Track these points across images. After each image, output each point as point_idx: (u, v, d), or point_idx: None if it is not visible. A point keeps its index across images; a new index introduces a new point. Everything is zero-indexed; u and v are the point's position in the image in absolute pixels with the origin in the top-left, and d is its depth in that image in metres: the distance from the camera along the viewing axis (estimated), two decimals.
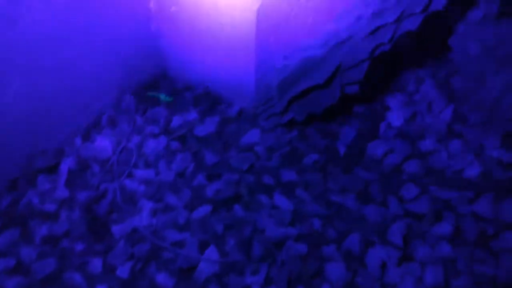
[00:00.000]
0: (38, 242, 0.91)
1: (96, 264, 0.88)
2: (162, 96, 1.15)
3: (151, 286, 0.86)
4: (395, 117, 1.13)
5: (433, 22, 0.96)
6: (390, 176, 1.03)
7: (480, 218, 0.96)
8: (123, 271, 0.87)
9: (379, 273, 0.87)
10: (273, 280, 0.86)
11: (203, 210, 0.95)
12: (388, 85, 1.20)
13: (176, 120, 1.11)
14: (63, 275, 0.87)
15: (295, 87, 1.02)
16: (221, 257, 0.88)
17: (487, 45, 1.07)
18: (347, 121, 1.14)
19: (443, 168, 1.04)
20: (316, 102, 1.03)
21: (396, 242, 0.90)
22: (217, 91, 1.15)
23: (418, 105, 1.16)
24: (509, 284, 0.85)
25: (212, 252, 0.88)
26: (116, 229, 0.92)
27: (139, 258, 0.89)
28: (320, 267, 0.88)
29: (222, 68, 1.10)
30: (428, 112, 1.14)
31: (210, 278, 0.86)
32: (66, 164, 1.00)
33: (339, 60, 0.95)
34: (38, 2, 0.86)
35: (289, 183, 1.01)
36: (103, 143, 1.04)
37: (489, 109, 1.11)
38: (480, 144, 1.08)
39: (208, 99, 1.16)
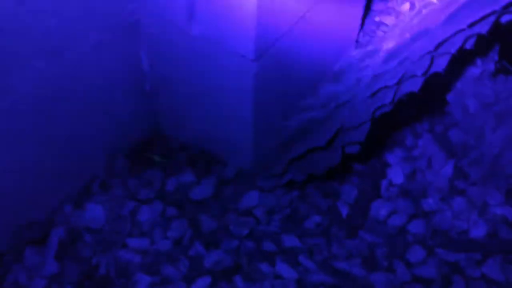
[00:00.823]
0: None
1: None
2: (156, 157, 1.12)
3: None
4: (396, 174, 1.11)
5: (432, 82, 0.95)
6: (396, 238, 1.00)
7: (492, 281, 0.93)
8: None
9: None
10: None
11: (202, 282, 0.90)
12: (386, 140, 1.19)
13: (171, 183, 1.07)
14: None
15: (295, 148, 0.99)
16: None
17: (485, 101, 1.07)
18: (348, 179, 1.11)
19: (448, 229, 1.02)
20: (316, 163, 1.01)
21: None
22: (214, 151, 1.12)
23: (418, 161, 1.14)
24: None
25: None
26: None
27: None
28: None
29: (219, 128, 1.07)
30: (428, 168, 1.12)
31: None
32: (56, 235, 0.95)
33: (340, 122, 0.93)
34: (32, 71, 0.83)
35: (292, 249, 0.97)
36: (95, 211, 0.99)
37: (490, 165, 1.09)
38: (484, 201, 1.06)
39: (204, 159, 1.12)
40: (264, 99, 0.97)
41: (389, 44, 0.88)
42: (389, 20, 1.55)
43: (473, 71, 1.05)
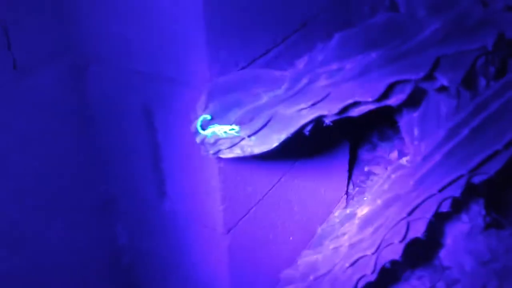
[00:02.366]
0: None
1: None
2: None
3: None
4: None
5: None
6: None
7: None
8: None
9: None
10: None
11: None
12: None
13: None
14: None
15: None
16: None
17: (481, 259, 1.01)
18: None
19: None
20: None
21: None
22: None
23: None
24: None
25: None
26: None
27: None
28: None
29: None
30: None
31: None
32: None
33: None
34: None
35: None
36: None
37: None
38: None
39: None
40: (240, 272, 0.93)
41: (363, 210, 0.86)
42: (378, 169, 1.56)
43: (462, 227, 1.01)
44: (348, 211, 0.90)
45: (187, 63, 0.70)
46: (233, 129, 0.62)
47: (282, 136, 0.64)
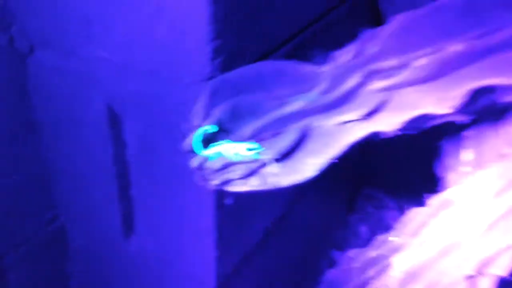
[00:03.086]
0: None
1: None
2: None
3: None
4: None
5: None
6: None
7: None
8: None
9: None
10: None
11: None
12: None
13: None
14: None
15: None
16: None
17: None
18: None
19: None
20: None
21: None
22: None
23: None
24: None
25: None
26: None
27: None
28: None
29: None
30: None
31: None
32: None
33: None
34: None
35: None
36: None
37: None
38: None
39: None
40: None
41: None
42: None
43: None
44: None
45: (179, 51, 0.49)
46: (252, 148, 0.41)
47: (321, 160, 0.44)
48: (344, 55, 0.48)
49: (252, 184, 0.43)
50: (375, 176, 1.10)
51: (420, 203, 0.61)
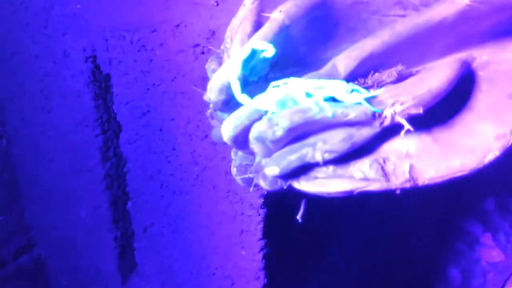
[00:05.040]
0: None
1: None
2: None
3: None
4: None
5: None
6: None
7: None
8: None
9: None
10: None
11: None
12: None
13: None
14: None
15: None
16: None
17: None
18: None
19: None
20: None
21: None
22: None
23: None
24: None
25: None
26: None
27: None
28: None
29: None
30: None
31: None
32: None
33: None
34: None
35: None
36: None
37: None
38: None
39: None
40: None
41: None
42: None
43: None
44: None
45: None
46: (355, 90, 0.19)
47: None
48: None
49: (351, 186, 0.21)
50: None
51: None
